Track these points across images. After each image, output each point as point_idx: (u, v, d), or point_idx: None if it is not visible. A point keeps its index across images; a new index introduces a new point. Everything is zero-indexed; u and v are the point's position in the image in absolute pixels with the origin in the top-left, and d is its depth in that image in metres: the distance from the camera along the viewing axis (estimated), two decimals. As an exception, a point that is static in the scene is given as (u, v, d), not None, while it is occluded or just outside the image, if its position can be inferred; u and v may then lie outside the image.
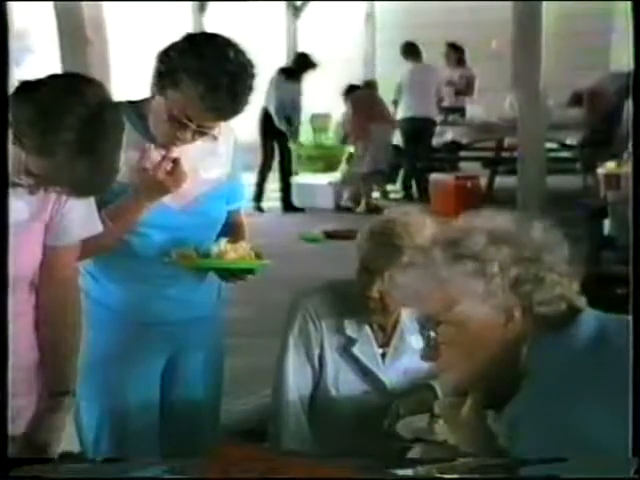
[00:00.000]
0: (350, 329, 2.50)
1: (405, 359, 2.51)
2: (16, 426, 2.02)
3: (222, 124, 2.42)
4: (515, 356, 1.62)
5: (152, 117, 2.38)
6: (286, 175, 9.91)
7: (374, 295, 2.41)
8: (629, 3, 1.69)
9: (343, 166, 10.35)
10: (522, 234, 1.65)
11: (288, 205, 9.92)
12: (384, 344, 2.52)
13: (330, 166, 10.71)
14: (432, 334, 1.68)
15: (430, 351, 1.70)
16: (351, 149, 10.14)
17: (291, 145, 9.94)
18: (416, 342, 2.46)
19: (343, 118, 10.19)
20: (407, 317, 2.49)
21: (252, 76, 2.33)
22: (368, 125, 9.57)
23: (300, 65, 9.80)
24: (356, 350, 2.50)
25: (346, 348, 2.51)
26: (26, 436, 2.09)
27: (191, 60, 2.27)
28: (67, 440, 2.13)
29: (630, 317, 1.56)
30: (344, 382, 2.51)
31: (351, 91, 9.91)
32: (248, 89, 2.31)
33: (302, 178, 10.49)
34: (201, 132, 2.34)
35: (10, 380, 1.75)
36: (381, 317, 2.48)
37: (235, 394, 2.90)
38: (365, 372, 2.51)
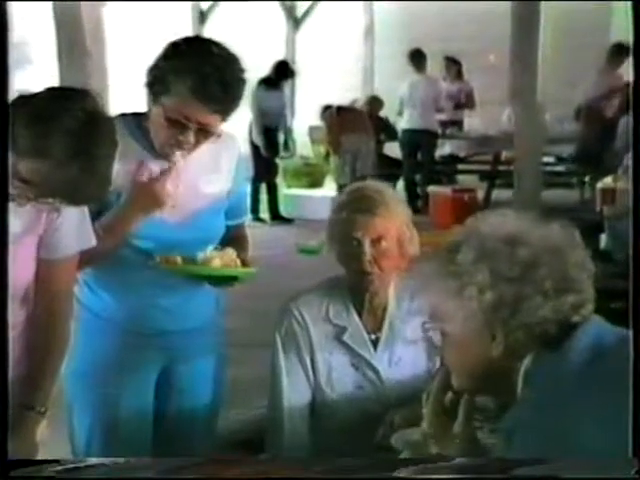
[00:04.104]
0: (338, 319, 2.50)
1: (398, 348, 2.50)
2: None
3: (226, 136, 2.42)
4: (507, 370, 1.62)
5: (152, 128, 2.38)
6: (272, 186, 9.89)
7: (369, 259, 2.41)
8: (629, 5, 1.69)
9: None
10: (512, 248, 1.63)
11: (275, 216, 9.91)
12: (375, 329, 2.51)
13: (315, 182, 10.77)
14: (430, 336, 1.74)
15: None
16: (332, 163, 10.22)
17: (277, 159, 9.93)
18: (410, 333, 2.48)
19: (321, 136, 10.25)
20: (394, 304, 2.50)
21: (240, 68, 2.34)
22: (340, 137, 9.69)
23: (279, 73, 9.72)
24: (347, 338, 2.49)
25: (337, 338, 2.50)
26: None
27: (176, 62, 2.29)
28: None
29: (630, 327, 1.57)
30: (338, 379, 2.50)
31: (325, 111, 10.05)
32: (238, 80, 2.32)
33: (293, 190, 10.54)
34: (203, 131, 2.32)
35: None
36: (379, 282, 2.46)
37: (230, 404, 2.90)
38: (358, 361, 2.49)
